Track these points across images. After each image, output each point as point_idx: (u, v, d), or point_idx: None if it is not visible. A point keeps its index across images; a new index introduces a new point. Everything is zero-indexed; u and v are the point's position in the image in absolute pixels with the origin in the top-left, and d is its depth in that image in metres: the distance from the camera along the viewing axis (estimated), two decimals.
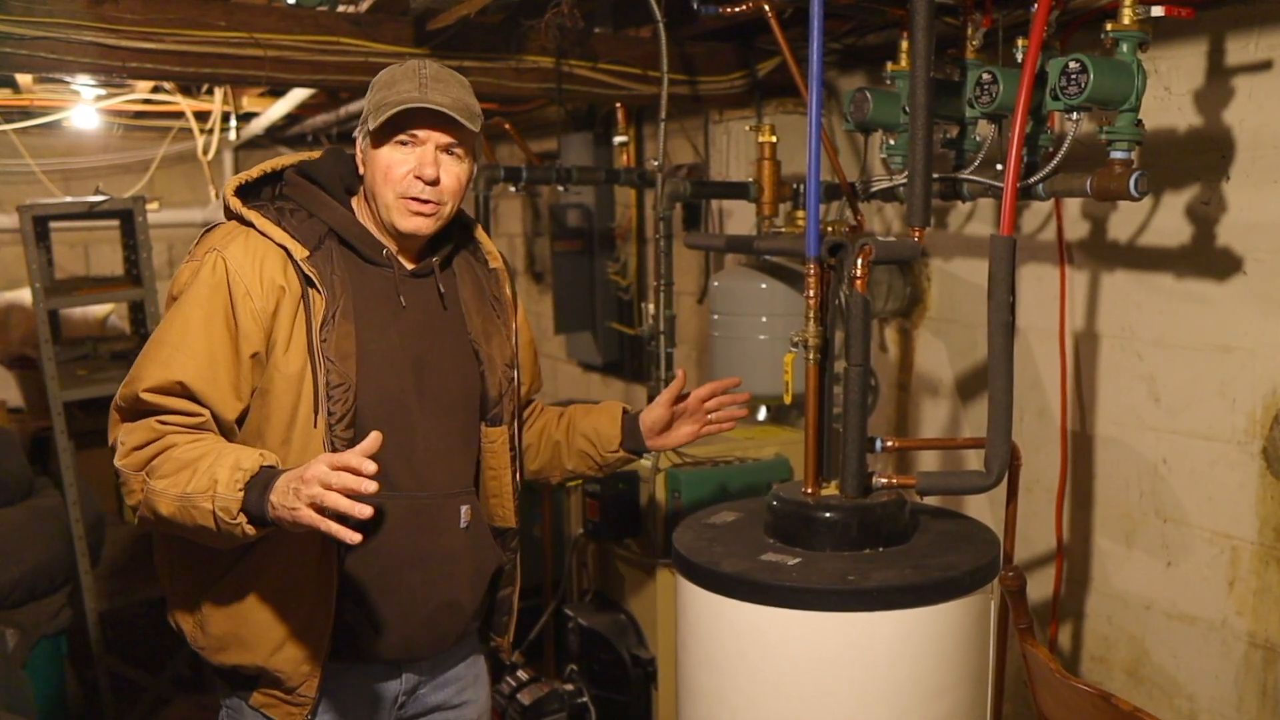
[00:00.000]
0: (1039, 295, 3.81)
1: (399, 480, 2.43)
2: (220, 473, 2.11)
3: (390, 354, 2.45)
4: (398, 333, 2.47)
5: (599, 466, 2.87)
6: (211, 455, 2.17)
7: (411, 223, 2.43)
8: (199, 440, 2.24)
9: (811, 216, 2.87)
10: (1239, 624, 3.31)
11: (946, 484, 3.12)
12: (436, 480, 2.52)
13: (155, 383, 2.26)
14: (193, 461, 2.17)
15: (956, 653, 2.72)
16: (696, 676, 2.87)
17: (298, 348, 2.34)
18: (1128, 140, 2.78)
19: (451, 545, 2.55)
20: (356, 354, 2.38)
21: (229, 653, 2.43)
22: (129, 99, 7.42)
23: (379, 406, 2.41)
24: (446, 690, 2.70)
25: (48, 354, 4.71)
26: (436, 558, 2.52)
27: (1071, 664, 3.80)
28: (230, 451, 2.18)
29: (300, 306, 2.35)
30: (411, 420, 2.47)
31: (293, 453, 2.33)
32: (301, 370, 2.33)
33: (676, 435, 2.85)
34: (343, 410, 2.35)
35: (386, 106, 2.35)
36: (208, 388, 2.28)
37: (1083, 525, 3.76)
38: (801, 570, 2.70)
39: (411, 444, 2.47)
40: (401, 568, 2.47)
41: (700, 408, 2.84)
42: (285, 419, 2.34)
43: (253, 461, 2.13)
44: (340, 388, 2.34)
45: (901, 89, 3.26)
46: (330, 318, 2.36)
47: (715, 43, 4.60)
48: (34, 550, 4.38)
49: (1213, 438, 3.34)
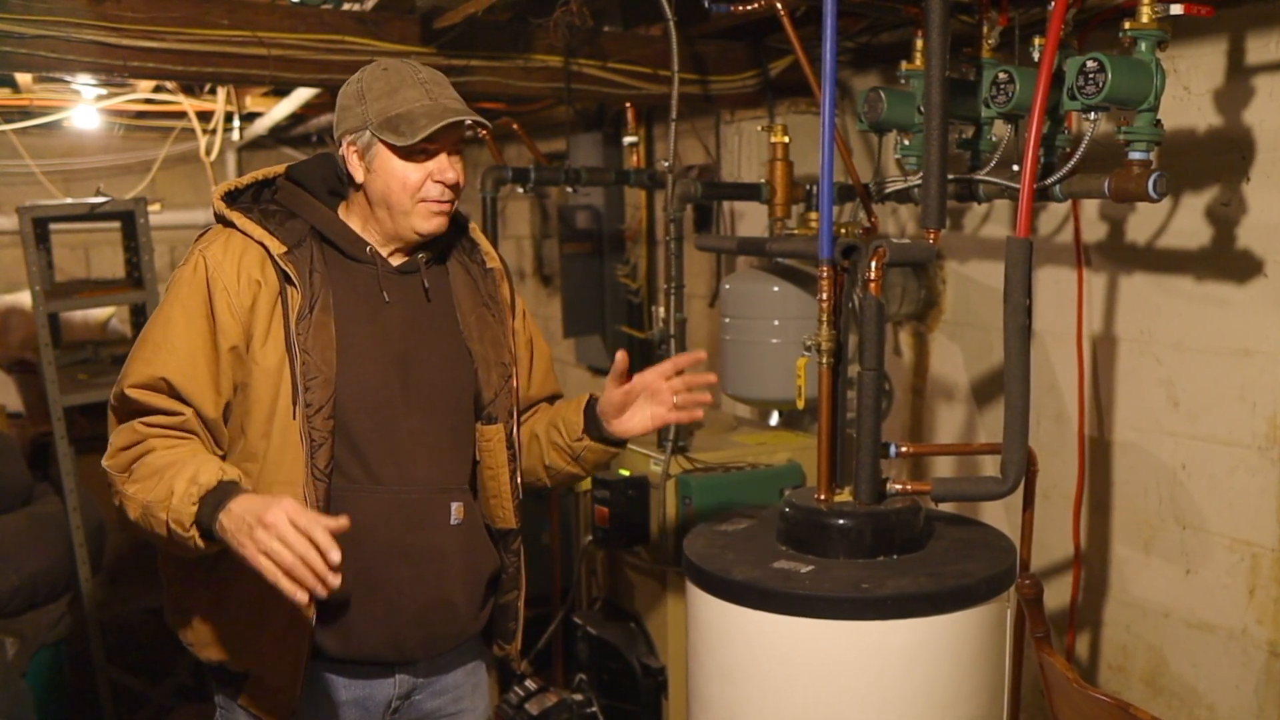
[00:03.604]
0: (1056, 298, 3.79)
1: (382, 473, 2.48)
2: (178, 485, 2.19)
3: (373, 348, 2.48)
4: (381, 327, 2.50)
5: (573, 458, 2.73)
6: (176, 466, 2.24)
7: (434, 223, 2.49)
8: (175, 446, 2.31)
9: (825, 218, 2.86)
10: (1259, 633, 3.28)
11: (962, 490, 3.09)
12: (422, 475, 2.53)
13: (138, 379, 2.34)
14: (160, 469, 2.25)
15: (972, 662, 2.69)
16: (708, 686, 2.85)
17: (275, 341, 2.39)
18: (1146, 140, 2.77)
19: (441, 542, 2.55)
20: (336, 346, 2.42)
21: (214, 649, 2.47)
22: (130, 99, 7.39)
23: (360, 399, 2.45)
24: (443, 697, 2.69)
25: (48, 358, 4.68)
26: (425, 554, 2.52)
27: (1089, 673, 3.77)
28: (192, 463, 2.24)
29: (278, 301, 2.40)
30: (395, 414, 2.49)
31: (273, 446, 2.38)
32: (280, 363, 2.39)
33: (638, 419, 2.65)
34: (320, 401, 2.39)
35: (410, 119, 2.38)
36: (188, 383, 2.34)
37: (1100, 532, 3.73)
38: (814, 578, 2.68)
39: (395, 438, 2.49)
40: (388, 562, 2.48)
41: (662, 387, 2.63)
42: (265, 412, 2.39)
43: (210, 476, 2.20)
44: (317, 379, 2.38)
45: (916, 89, 3.25)
46: (308, 311, 2.40)
47: (727, 41, 4.59)
48: (34, 557, 4.37)
49: (1233, 443, 3.31)
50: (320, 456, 2.39)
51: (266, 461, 2.38)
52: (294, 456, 2.38)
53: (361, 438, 2.45)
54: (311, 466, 2.38)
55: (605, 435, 2.68)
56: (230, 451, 2.43)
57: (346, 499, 2.42)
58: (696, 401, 2.66)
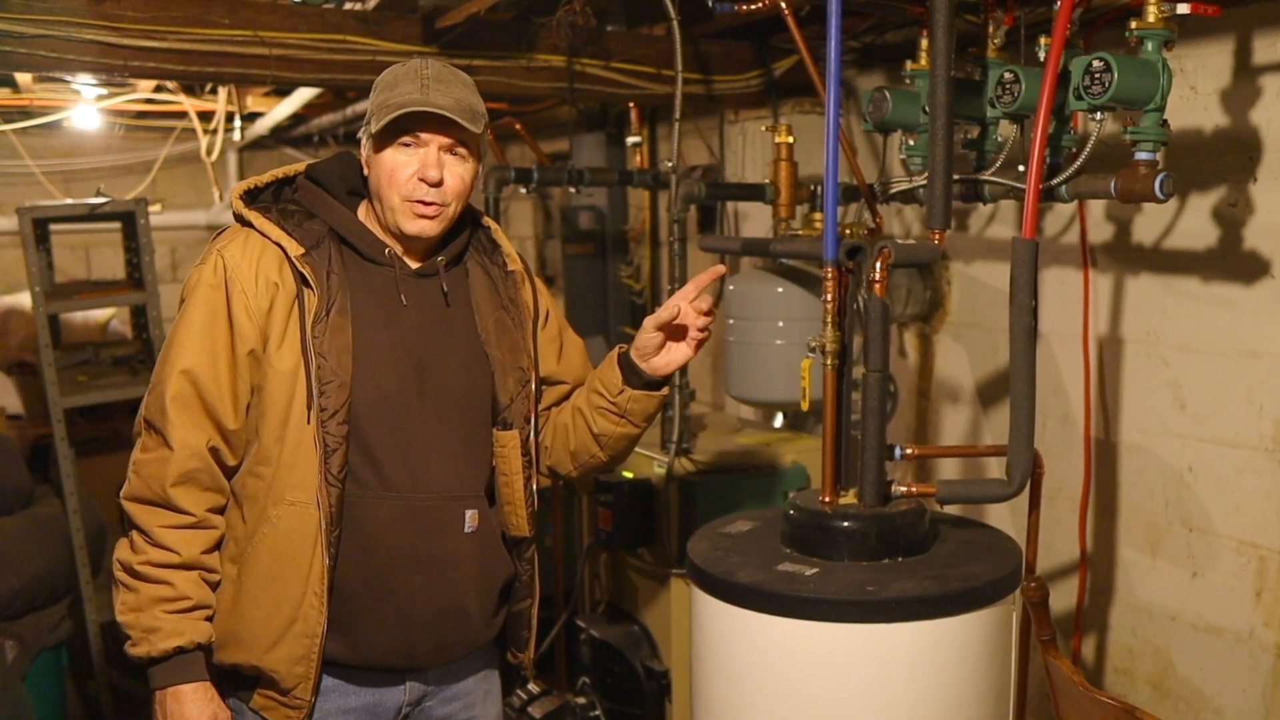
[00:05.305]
0: (1062, 299, 3.78)
1: (395, 480, 2.46)
2: (144, 619, 2.36)
3: (390, 352, 2.46)
4: (398, 331, 2.48)
5: (620, 415, 2.66)
6: (151, 607, 2.36)
7: (416, 225, 2.45)
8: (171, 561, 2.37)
9: (829, 219, 2.85)
10: (1267, 635, 3.27)
11: (967, 492, 3.09)
12: (436, 482, 2.50)
13: (176, 390, 2.37)
14: (148, 590, 2.37)
15: (977, 665, 2.68)
16: (711, 689, 2.84)
17: (291, 344, 2.38)
18: (1153, 141, 2.75)
19: (454, 549, 2.52)
20: (353, 350, 2.40)
21: (227, 651, 2.45)
22: (131, 98, 7.40)
23: (376, 404, 2.43)
24: (454, 704, 2.66)
25: (48, 359, 4.66)
26: (438, 562, 2.50)
27: (1095, 676, 3.76)
28: (167, 617, 2.36)
29: (295, 304, 2.39)
30: (410, 419, 2.47)
31: (286, 450, 2.38)
32: (295, 367, 2.37)
33: (677, 351, 2.63)
34: (335, 405, 2.37)
35: (387, 109, 2.37)
36: (211, 383, 2.36)
37: (1107, 535, 3.72)
38: (819, 581, 2.68)
39: (409, 444, 2.47)
40: (399, 570, 2.47)
41: (688, 311, 2.60)
42: (280, 415, 2.38)
43: (167, 642, 2.36)
44: (332, 383, 2.37)
45: (921, 88, 3.24)
46: (324, 314, 2.39)
47: (731, 41, 4.58)
48: (34, 561, 4.36)
49: (1240, 445, 3.30)
50: (334, 462, 2.37)
51: (280, 466, 2.37)
52: (307, 461, 2.36)
53: (376, 443, 2.43)
54: (325, 472, 2.36)
55: (646, 379, 2.63)
56: (245, 455, 2.42)
57: (359, 505, 2.42)
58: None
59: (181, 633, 2.35)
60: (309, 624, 2.40)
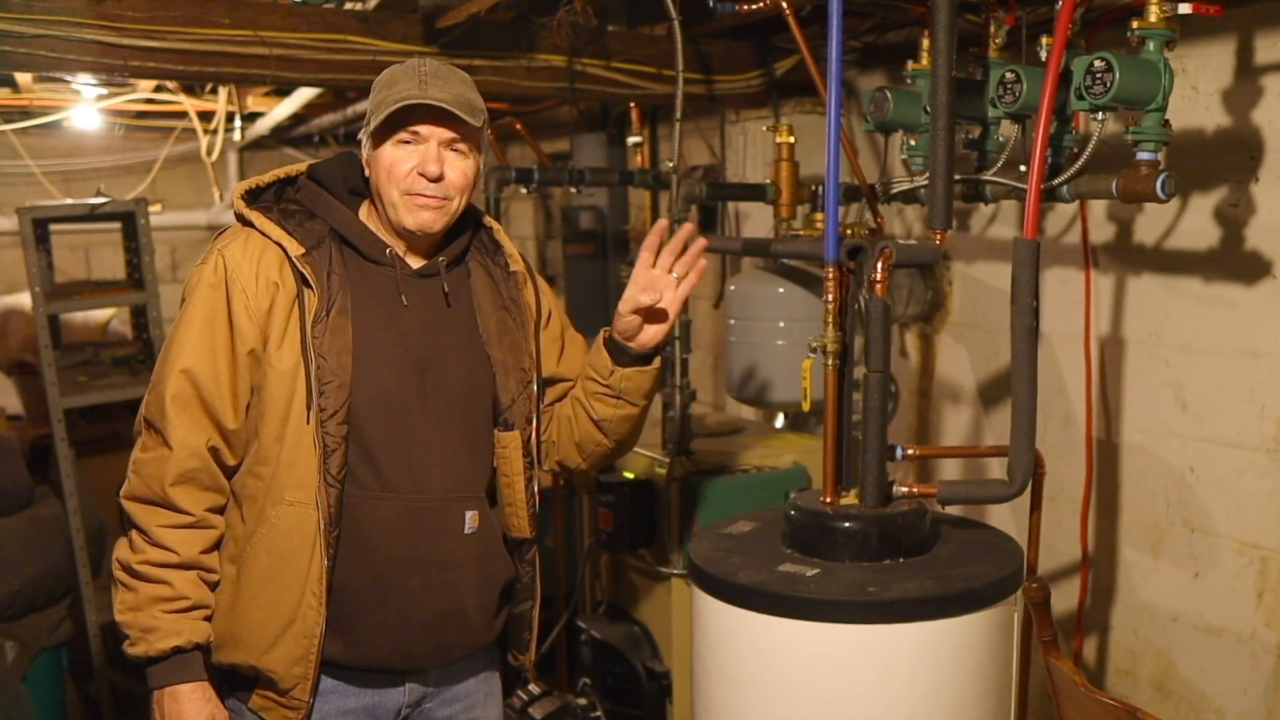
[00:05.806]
0: (1063, 299, 3.78)
1: (395, 481, 2.45)
2: (142, 618, 2.36)
3: (390, 352, 2.46)
4: (399, 332, 2.48)
5: (616, 397, 2.66)
6: (149, 607, 2.37)
7: (418, 218, 2.44)
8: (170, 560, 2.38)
9: (830, 219, 2.84)
10: (1268, 636, 3.27)
11: (969, 493, 3.08)
12: (436, 483, 2.49)
13: (176, 388, 2.36)
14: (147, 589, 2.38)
15: (979, 666, 2.68)
16: (712, 690, 2.83)
17: (291, 344, 2.38)
18: (1154, 141, 2.75)
19: (454, 551, 2.52)
20: (353, 350, 2.40)
21: (225, 651, 2.46)
22: (131, 98, 7.40)
23: (376, 404, 2.43)
24: (454, 706, 2.66)
25: (48, 360, 4.66)
26: (437, 563, 2.49)
27: (1096, 677, 3.76)
28: (165, 617, 2.37)
29: (295, 303, 2.39)
30: (410, 420, 2.47)
31: (285, 450, 2.38)
32: (295, 367, 2.38)
33: (659, 327, 2.63)
34: (335, 406, 2.37)
35: (386, 105, 2.38)
36: (211, 383, 2.37)
37: (1108, 535, 3.72)
38: (820, 581, 2.67)
39: (409, 445, 2.47)
40: (398, 571, 2.46)
41: (656, 276, 2.60)
42: (279, 415, 2.38)
43: (165, 642, 2.36)
44: (332, 383, 2.37)
45: (922, 88, 3.24)
46: (324, 314, 2.39)
47: (732, 41, 4.58)
48: (34, 561, 4.34)
49: (1241, 445, 3.30)
50: (333, 462, 2.37)
51: (279, 466, 2.37)
52: (306, 461, 2.36)
53: (375, 444, 2.43)
54: (324, 472, 2.36)
55: (635, 354, 2.63)
56: (244, 455, 2.43)
57: (358, 506, 2.42)
58: (693, 261, 2.62)
59: (179, 632, 2.35)
60: (307, 624, 2.40)
